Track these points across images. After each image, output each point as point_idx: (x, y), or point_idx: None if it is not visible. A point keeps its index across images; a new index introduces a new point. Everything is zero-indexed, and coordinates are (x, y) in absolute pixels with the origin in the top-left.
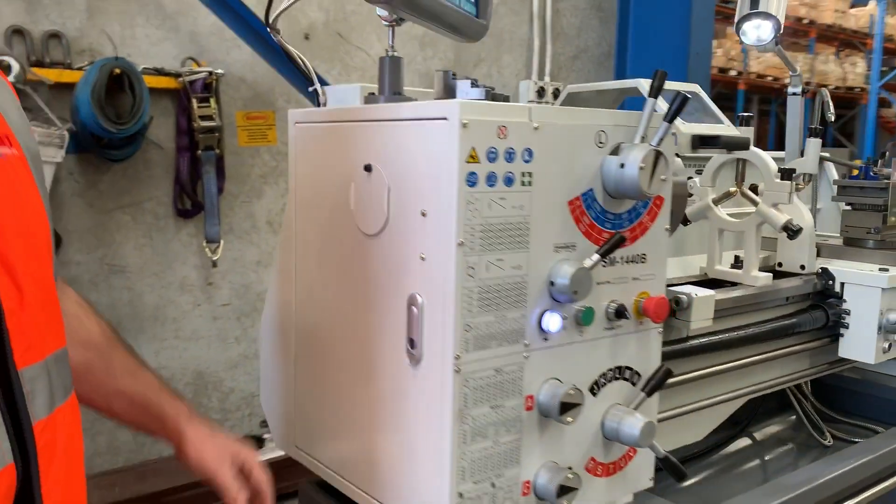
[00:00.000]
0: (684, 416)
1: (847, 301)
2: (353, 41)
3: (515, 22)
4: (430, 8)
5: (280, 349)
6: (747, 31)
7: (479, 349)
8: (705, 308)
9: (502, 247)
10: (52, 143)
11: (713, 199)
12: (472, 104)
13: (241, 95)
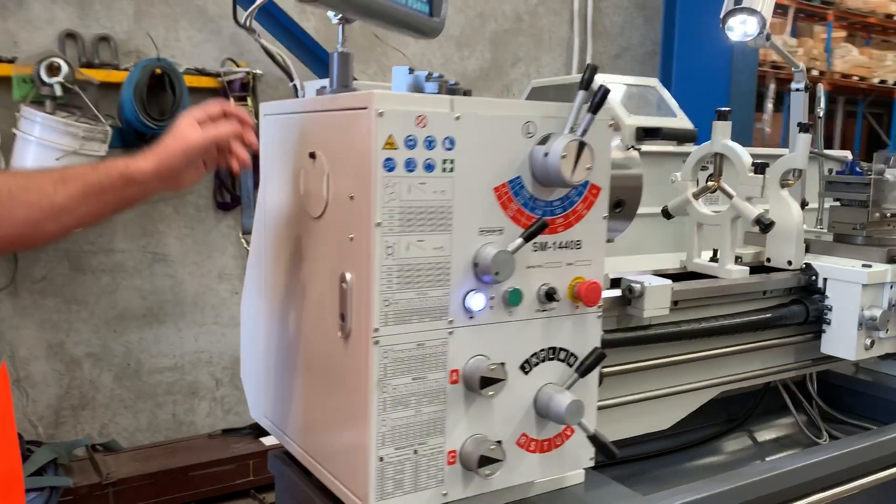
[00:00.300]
0: (652, 403)
1: (829, 297)
2: (390, 42)
3: (555, 22)
4: (374, 9)
5: (251, 324)
6: (733, 26)
7: (399, 323)
8: (659, 297)
9: (423, 228)
10: (95, 137)
11: (693, 194)
12: (389, 95)
13: (279, 94)
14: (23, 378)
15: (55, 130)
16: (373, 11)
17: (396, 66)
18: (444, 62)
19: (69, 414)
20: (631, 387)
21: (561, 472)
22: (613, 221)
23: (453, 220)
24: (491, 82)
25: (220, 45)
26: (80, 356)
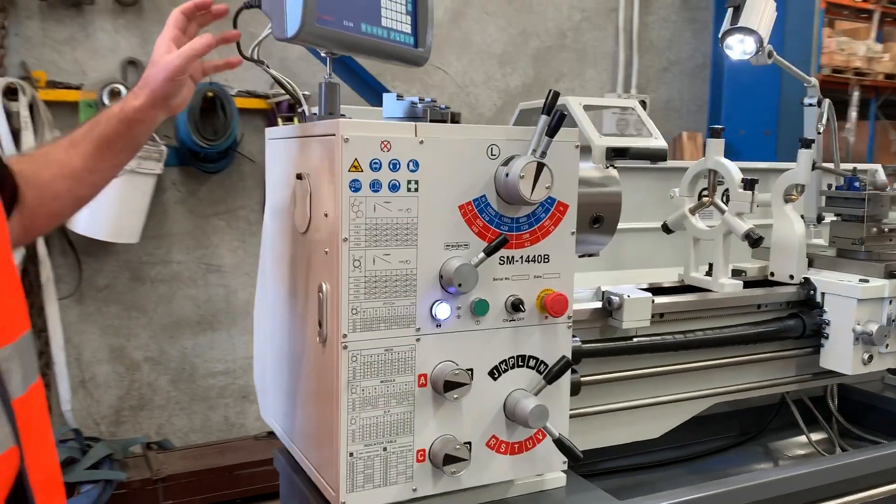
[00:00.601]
0: (643, 411)
1: (827, 311)
2: (432, 61)
3: (599, 37)
4: (358, 45)
5: (259, 330)
6: (732, 45)
7: (366, 330)
8: (639, 310)
9: (389, 243)
10: (151, 157)
11: (689, 209)
12: (354, 122)
13: None
14: (87, 379)
15: None
16: (357, 47)
17: (387, 93)
18: (487, 79)
19: (129, 414)
20: (622, 395)
21: (532, 473)
22: (594, 235)
23: (419, 235)
24: (533, 97)
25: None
26: (140, 360)
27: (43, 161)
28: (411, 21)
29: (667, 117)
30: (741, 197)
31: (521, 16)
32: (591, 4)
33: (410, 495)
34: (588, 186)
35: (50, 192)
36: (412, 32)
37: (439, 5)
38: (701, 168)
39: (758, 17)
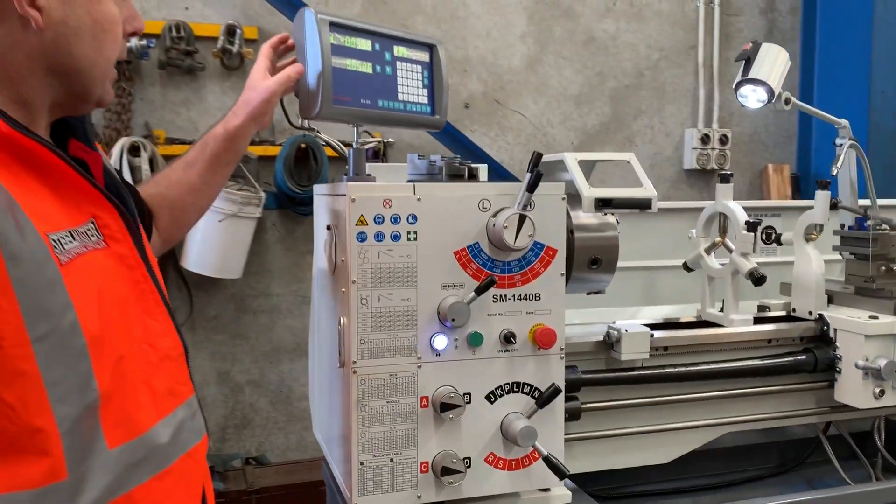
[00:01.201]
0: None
1: (839, 347)
2: (509, 105)
3: (678, 74)
4: (379, 118)
5: (311, 358)
6: (746, 94)
7: (373, 357)
8: (637, 343)
9: (392, 284)
10: (251, 202)
11: (705, 249)
12: (361, 185)
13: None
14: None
15: (219, 198)
16: (374, 119)
17: (410, 154)
18: (563, 119)
19: (233, 431)
20: (631, 421)
21: (529, 487)
22: (594, 275)
23: (418, 277)
24: (612, 135)
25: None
26: (243, 383)
27: (166, 183)
28: (428, 93)
29: (752, 150)
30: (745, 238)
31: (596, 58)
32: (669, 44)
33: (416, 501)
34: (586, 231)
35: (179, 208)
36: (429, 102)
37: (515, 54)
38: (713, 210)
39: (768, 68)
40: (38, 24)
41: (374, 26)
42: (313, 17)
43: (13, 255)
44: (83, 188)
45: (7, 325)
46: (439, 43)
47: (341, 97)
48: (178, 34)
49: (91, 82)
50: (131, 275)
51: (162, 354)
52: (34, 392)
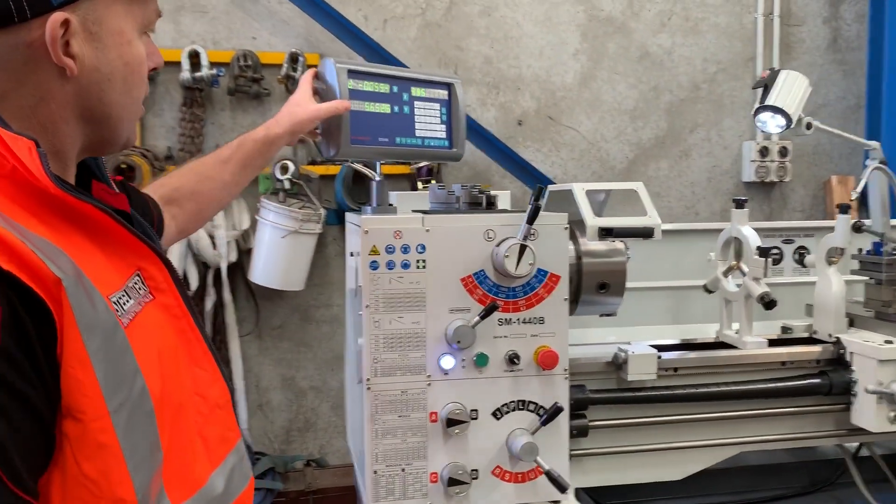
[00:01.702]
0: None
1: (855, 370)
2: (563, 122)
3: (736, 86)
4: (403, 155)
5: (346, 372)
6: (765, 120)
7: (385, 376)
8: (644, 364)
9: (402, 308)
10: (311, 219)
11: (722, 272)
12: (373, 218)
13: (464, 174)
14: (264, 403)
15: (281, 215)
16: (392, 155)
17: (430, 184)
18: (618, 134)
19: (297, 434)
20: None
21: (535, 499)
22: (603, 298)
23: (427, 302)
24: (667, 149)
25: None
26: (306, 388)
27: (198, 177)
28: (446, 128)
29: (815, 162)
30: (755, 263)
31: (651, 73)
32: (726, 56)
33: None
34: (594, 257)
35: (205, 201)
36: (446, 137)
37: (568, 71)
38: (729, 235)
39: (786, 95)
40: (72, 72)
41: (393, 70)
42: (333, 66)
43: (88, 327)
44: (128, 241)
45: (87, 398)
46: (457, 81)
47: (359, 137)
48: (246, 62)
49: (121, 125)
50: (178, 325)
51: (212, 403)
52: (115, 464)
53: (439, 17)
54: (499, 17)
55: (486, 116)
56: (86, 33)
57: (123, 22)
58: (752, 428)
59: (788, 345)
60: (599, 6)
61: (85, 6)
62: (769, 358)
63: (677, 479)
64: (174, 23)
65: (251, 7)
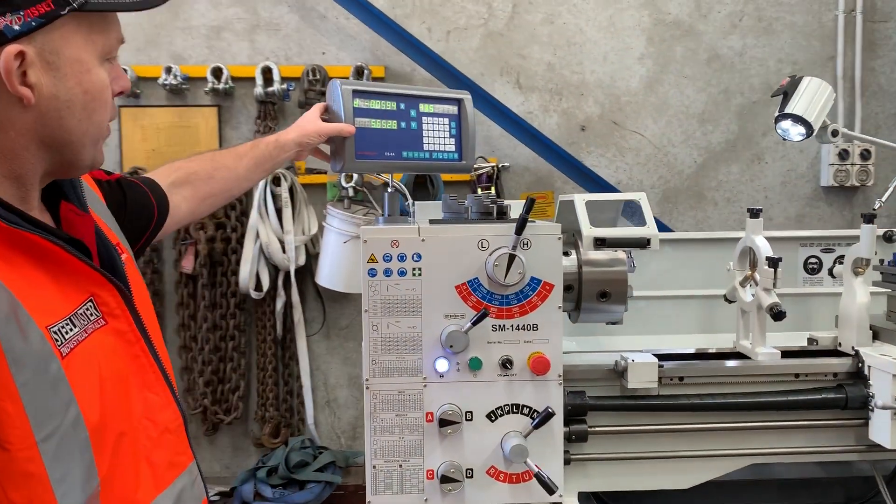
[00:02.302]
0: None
1: (873, 385)
2: (628, 126)
3: None
4: (409, 168)
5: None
6: (787, 128)
7: (383, 377)
8: (643, 373)
9: (399, 313)
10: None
11: (739, 282)
12: (374, 228)
13: (525, 180)
14: (331, 400)
15: (345, 221)
16: (399, 168)
17: (444, 195)
18: (685, 138)
19: (362, 431)
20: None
21: (529, 500)
22: (605, 306)
23: (423, 308)
24: (738, 152)
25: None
26: None
27: (214, 165)
28: (455, 142)
29: None
30: (766, 274)
31: (721, 75)
32: (803, 56)
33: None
34: (594, 266)
35: (218, 188)
36: (456, 150)
37: (634, 75)
38: (745, 245)
39: (806, 103)
40: (29, 101)
41: (401, 89)
42: (338, 87)
43: (17, 360)
44: (81, 270)
45: (14, 429)
46: (466, 97)
47: (365, 152)
48: (315, 76)
49: (83, 150)
50: (130, 350)
51: (162, 428)
52: (41, 491)
53: (501, 26)
54: (561, 24)
55: (549, 123)
56: (43, 63)
57: (82, 51)
58: (765, 440)
59: (805, 356)
60: (665, 10)
61: (41, 38)
62: (781, 370)
63: (685, 487)
64: (249, 41)
65: (320, 24)
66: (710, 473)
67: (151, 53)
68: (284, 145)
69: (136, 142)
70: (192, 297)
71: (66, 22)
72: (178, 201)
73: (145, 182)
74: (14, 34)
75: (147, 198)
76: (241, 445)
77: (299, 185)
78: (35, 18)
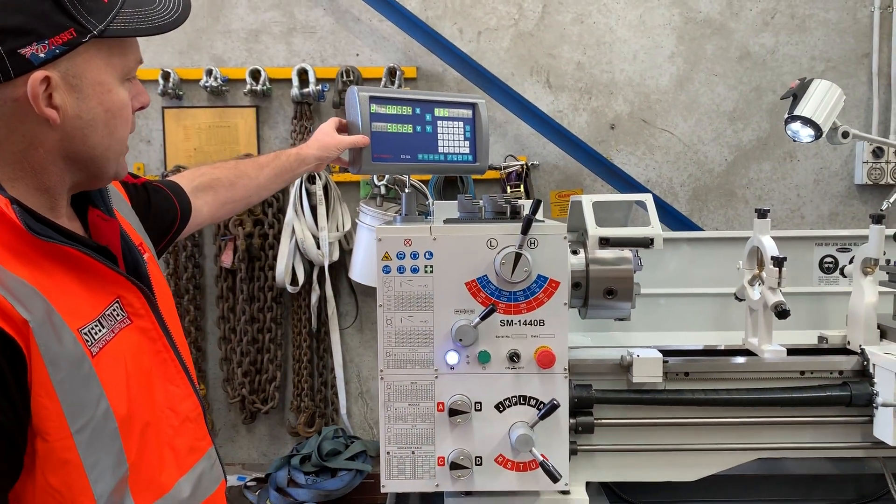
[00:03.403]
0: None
1: (877, 382)
2: (658, 124)
3: (848, 84)
4: (424, 170)
5: None
6: (797, 129)
7: (396, 368)
8: (648, 367)
9: (412, 308)
10: None
11: (748, 280)
12: (389, 228)
13: (554, 178)
14: (364, 392)
15: (376, 218)
16: (414, 170)
17: (459, 195)
18: (716, 136)
19: None
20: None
21: (536, 488)
22: (612, 302)
23: (434, 303)
24: (770, 150)
25: (506, 144)
26: None
27: (237, 173)
28: (470, 144)
29: None
30: (772, 273)
31: (752, 73)
32: (837, 53)
33: (434, 489)
34: (601, 265)
35: (239, 195)
36: (470, 152)
37: (664, 74)
38: (753, 244)
39: (815, 105)
40: (55, 122)
41: (416, 94)
42: (356, 94)
43: (53, 361)
44: (105, 274)
45: (51, 422)
46: (480, 101)
47: (381, 155)
48: (349, 77)
49: (107, 164)
50: (154, 346)
51: (182, 417)
52: (77, 476)
53: (532, 26)
54: (591, 23)
55: (578, 121)
56: (67, 86)
57: (103, 73)
58: (771, 435)
59: (811, 354)
60: (696, 8)
61: (65, 63)
62: (786, 367)
63: (690, 480)
64: (286, 44)
65: (354, 26)
66: (716, 467)
67: (193, 57)
68: (305, 158)
69: (178, 141)
70: (231, 291)
71: (88, 48)
72: (199, 205)
73: (169, 186)
74: (40, 61)
75: (171, 201)
76: (278, 434)
77: (333, 183)
78: (59, 46)
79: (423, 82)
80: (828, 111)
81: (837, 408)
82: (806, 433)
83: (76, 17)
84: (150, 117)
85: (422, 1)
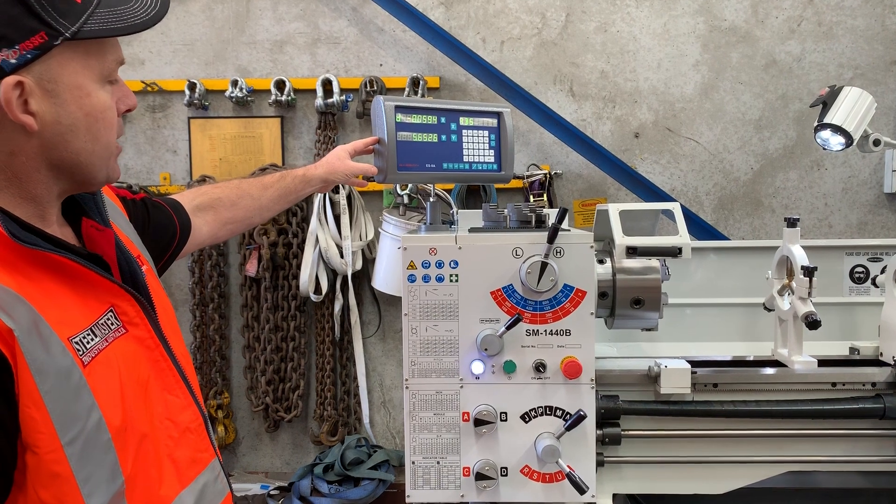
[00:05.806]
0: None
1: None
2: (682, 133)
3: (877, 92)
4: (450, 178)
5: None
6: (826, 137)
7: (422, 377)
8: (676, 378)
9: (437, 317)
10: None
11: (777, 290)
12: (412, 236)
13: (578, 187)
14: (387, 401)
15: (398, 227)
16: (438, 179)
17: (484, 204)
18: (741, 145)
19: None
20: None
21: (562, 499)
22: (639, 312)
23: (459, 312)
24: (797, 159)
25: (529, 153)
26: None
27: (239, 193)
28: (495, 153)
29: None
30: (802, 283)
31: (778, 81)
32: (865, 61)
33: (459, 500)
34: (628, 274)
35: (241, 215)
36: (495, 161)
37: (688, 82)
38: (782, 254)
39: (846, 113)
40: (32, 128)
41: (442, 104)
42: (381, 103)
43: (40, 370)
44: (99, 283)
45: (40, 434)
46: (506, 110)
47: (406, 164)
48: (372, 88)
49: (93, 169)
50: (150, 355)
51: (183, 427)
52: (69, 490)
53: (555, 35)
54: (615, 31)
55: (602, 130)
56: (43, 91)
57: (81, 76)
58: (802, 448)
59: (843, 366)
60: (721, 16)
61: (39, 67)
62: (817, 378)
63: (719, 493)
64: (311, 55)
65: (378, 36)
66: (745, 480)
67: (219, 67)
68: (311, 180)
69: (204, 151)
70: (256, 300)
71: (61, 51)
72: (199, 224)
73: (169, 203)
74: (11, 67)
75: (170, 218)
76: (301, 442)
77: (356, 193)
78: (30, 51)
79: (446, 92)
80: (858, 119)
81: (870, 420)
82: (838, 446)
83: (46, 21)
84: (177, 127)
85: (445, 11)
